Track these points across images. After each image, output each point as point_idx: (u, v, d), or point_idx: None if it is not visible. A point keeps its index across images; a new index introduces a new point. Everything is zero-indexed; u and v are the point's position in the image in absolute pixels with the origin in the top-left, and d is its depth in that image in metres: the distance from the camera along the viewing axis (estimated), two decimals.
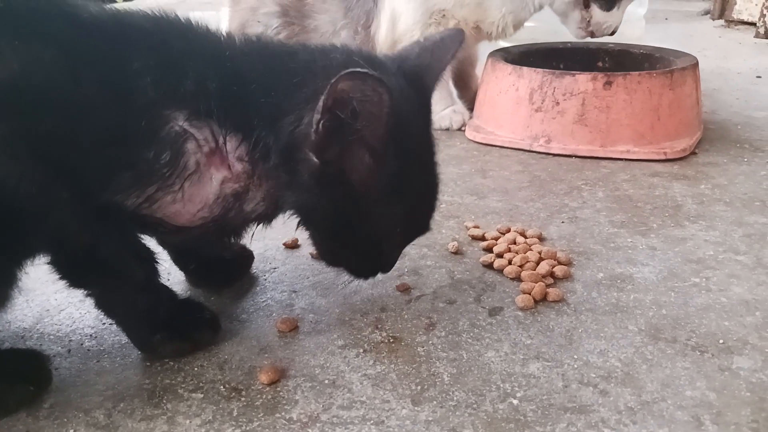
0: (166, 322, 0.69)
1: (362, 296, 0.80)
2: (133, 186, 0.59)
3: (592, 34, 1.45)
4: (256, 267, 0.89)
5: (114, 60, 0.59)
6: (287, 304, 0.79)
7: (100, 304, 0.67)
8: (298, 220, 0.69)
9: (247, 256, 0.87)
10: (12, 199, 0.56)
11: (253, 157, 0.63)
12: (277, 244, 0.94)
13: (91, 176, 0.59)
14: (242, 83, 0.62)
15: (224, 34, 0.67)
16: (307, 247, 0.93)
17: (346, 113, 0.57)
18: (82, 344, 0.73)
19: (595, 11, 1.39)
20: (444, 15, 1.38)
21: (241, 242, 0.77)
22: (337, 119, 0.58)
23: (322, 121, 0.58)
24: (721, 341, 0.71)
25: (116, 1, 4.21)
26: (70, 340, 0.73)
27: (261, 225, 0.70)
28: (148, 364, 0.69)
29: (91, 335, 0.74)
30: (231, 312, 0.78)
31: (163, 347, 0.69)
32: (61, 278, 0.64)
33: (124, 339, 0.71)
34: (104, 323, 0.76)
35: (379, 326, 0.74)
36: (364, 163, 0.61)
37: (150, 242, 0.69)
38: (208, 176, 0.62)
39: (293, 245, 0.94)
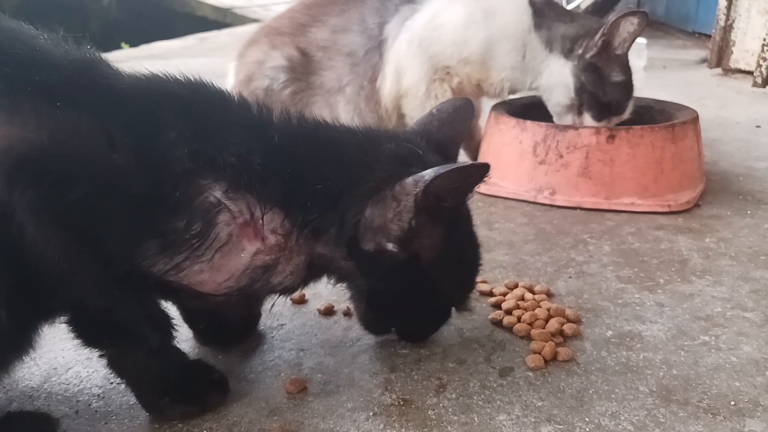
0: (176, 385, 0.69)
1: (371, 355, 0.80)
2: (161, 254, 0.60)
3: None
4: (264, 323, 0.89)
5: (150, 129, 0.60)
6: (295, 364, 0.79)
7: (111, 365, 0.68)
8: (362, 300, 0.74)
9: (255, 314, 0.87)
10: (35, 263, 0.56)
11: (288, 232, 0.64)
12: (284, 299, 0.94)
13: (119, 243, 0.59)
14: (292, 165, 0.64)
15: (260, 107, 0.68)
16: (315, 303, 0.93)
17: (437, 206, 0.63)
18: (89, 405, 0.72)
19: (587, 119, 1.39)
20: (448, 72, 1.41)
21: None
22: (427, 214, 0.63)
23: (413, 219, 0.62)
24: (732, 403, 0.70)
25: (121, 47, 4.29)
26: (78, 401, 0.73)
27: (282, 296, 0.71)
28: (156, 426, 0.68)
29: (98, 395, 0.74)
30: (239, 371, 0.78)
31: (172, 410, 0.69)
32: (76, 337, 0.65)
33: (132, 400, 0.71)
34: (112, 383, 0.75)
35: (389, 387, 0.74)
36: (440, 240, 0.66)
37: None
38: (240, 248, 0.62)
39: (300, 301, 0.94)
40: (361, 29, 1.46)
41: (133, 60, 3.43)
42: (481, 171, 0.62)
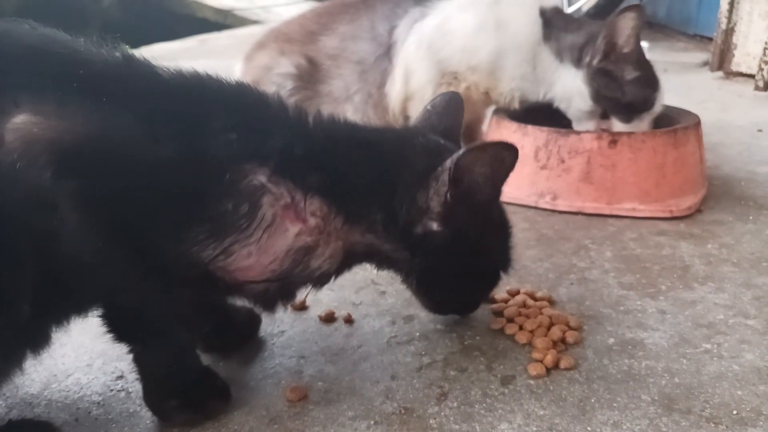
0: (184, 389, 0.70)
1: (372, 363, 0.80)
2: (210, 238, 0.62)
3: None
4: (264, 330, 0.88)
5: (192, 120, 0.63)
6: (296, 371, 0.79)
7: (137, 360, 0.69)
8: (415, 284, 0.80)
9: (256, 319, 0.87)
10: (74, 255, 0.58)
11: (326, 216, 0.67)
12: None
13: (165, 230, 0.61)
14: (332, 160, 0.68)
15: (295, 108, 0.71)
16: (315, 310, 0.93)
17: (468, 181, 0.68)
18: (89, 412, 0.72)
19: (616, 125, 1.37)
20: (456, 77, 1.40)
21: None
22: (460, 188, 0.68)
23: (448, 192, 0.68)
24: (734, 412, 0.70)
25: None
26: (78, 408, 0.73)
27: (313, 288, 0.73)
28: None
29: (98, 403, 0.74)
30: (240, 378, 0.77)
31: (177, 415, 0.70)
32: (108, 332, 0.66)
33: (132, 408, 0.71)
34: (112, 390, 0.75)
35: (390, 396, 0.73)
36: (481, 222, 0.73)
37: None
38: (284, 228, 0.65)
39: (301, 307, 0.94)
40: (371, 36, 1.45)
41: None
42: (508, 151, 0.67)
